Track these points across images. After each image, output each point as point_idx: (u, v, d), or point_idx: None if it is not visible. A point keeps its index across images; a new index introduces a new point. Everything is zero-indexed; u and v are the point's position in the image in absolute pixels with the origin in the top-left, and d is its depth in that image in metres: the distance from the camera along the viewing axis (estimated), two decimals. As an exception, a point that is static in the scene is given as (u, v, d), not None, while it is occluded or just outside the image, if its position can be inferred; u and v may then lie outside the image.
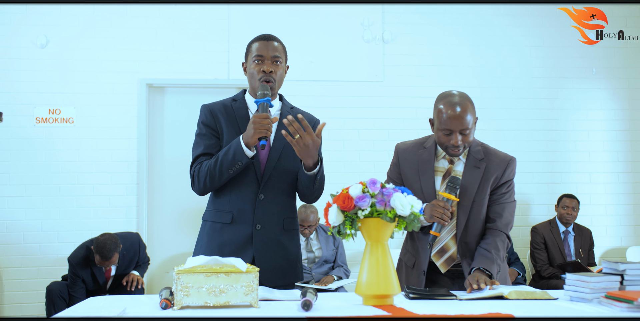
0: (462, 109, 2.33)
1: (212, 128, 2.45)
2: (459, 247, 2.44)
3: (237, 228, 2.39)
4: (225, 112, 2.46)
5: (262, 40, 2.46)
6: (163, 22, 5.44)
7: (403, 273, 2.57)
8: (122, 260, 4.62)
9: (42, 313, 4.96)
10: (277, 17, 5.53)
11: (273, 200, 2.41)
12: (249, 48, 2.48)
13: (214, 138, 2.44)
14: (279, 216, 2.43)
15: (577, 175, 5.75)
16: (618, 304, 1.83)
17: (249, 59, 2.46)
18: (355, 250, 5.21)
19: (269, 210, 2.40)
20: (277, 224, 2.42)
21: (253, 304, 1.87)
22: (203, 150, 2.42)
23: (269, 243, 2.39)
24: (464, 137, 2.36)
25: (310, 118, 2.59)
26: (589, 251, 5.36)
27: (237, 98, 2.53)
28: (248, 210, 2.39)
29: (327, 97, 5.54)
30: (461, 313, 1.78)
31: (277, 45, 2.46)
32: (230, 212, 2.40)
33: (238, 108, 2.48)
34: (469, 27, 5.75)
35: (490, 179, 2.46)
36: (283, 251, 2.42)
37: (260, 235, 2.38)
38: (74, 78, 5.33)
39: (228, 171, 2.32)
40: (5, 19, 5.30)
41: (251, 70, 2.44)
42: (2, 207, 5.16)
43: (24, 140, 5.23)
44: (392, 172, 2.63)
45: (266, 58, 2.42)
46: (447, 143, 2.38)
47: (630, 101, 5.88)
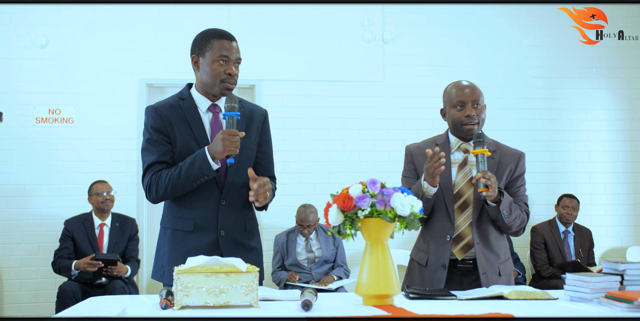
0: (471, 84, 2.56)
1: (163, 133, 2.35)
2: (475, 234, 2.47)
3: (200, 236, 2.35)
4: (175, 114, 2.37)
5: (226, 39, 2.36)
6: (163, 22, 5.45)
7: (416, 272, 2.58)
8: (116, 230, 4.79)
9: (42, 313, 4.97)
10: (277, 17, 5.53)
11: (235, 204, 2.39)
12: (208, 43, 2.35)
13: (166, 144, 2.35)
14: (241, 219, 2.42)
15: (577, 175, 5.75)
16: (618, 304, 1.83)
17: (209, 55, 2.33)
18: (355, 250, 5.21)
19: (232, 215, 2.38)
20: (240, 227, 2.41)
21: (253, 304, 1.87)
22: (157, 158, 2.34)
23: (235, 247, 2.38)
24: (477, 110, 2.50)
25: (260, 112, 2.53)
26: (589, 251, 5.36)
27: (184, 97, 2.42)
28: (211, 217, 2.36)
29: (327, 97, 5.54)
30: (461, 313, 1.78)
31: (237, 46, 2.39)
32: (192, 219, 2.36)
33: (187, 108, 2.39)
34: (469, 27, 5.75)
35: (505, 171, 2.54)
36: (249, 252, 2.41)
37: (225, 240, 2.37)
38: (74, 78, 5.33)
39: (192, 184, 2.28)
40: (5, 19, 5.30)
41: (212, 69, 2.32)
42: (2, 207, 5.16)
43: (24, 140, 5.23)
44: (408, 172, 2.66)
45: (231, 60, 2.34)
46: (462, 117, 2.50)
47: (630, 101, 5.88)
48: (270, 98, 5.45)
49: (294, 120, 5.47)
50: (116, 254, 4.62)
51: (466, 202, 2.50)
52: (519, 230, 2.54)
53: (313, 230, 4.95)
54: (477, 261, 2.47)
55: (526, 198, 2.60)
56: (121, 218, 4.92)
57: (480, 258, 2.46)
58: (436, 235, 2.52)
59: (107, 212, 4.87)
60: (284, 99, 5.51)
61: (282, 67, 5.53)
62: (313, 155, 5.50)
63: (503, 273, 2.51)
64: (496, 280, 2.47)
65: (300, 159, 5.47)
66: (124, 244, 4.84)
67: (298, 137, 5.47)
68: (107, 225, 4.84)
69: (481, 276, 2.45)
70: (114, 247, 4.78)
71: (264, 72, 5.47)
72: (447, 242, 2.49)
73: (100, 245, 4.79)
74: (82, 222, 4.80)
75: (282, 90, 5.50)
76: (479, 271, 2.46)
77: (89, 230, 4.77)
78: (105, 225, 4.84)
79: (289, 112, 5.47)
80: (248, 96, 5.50)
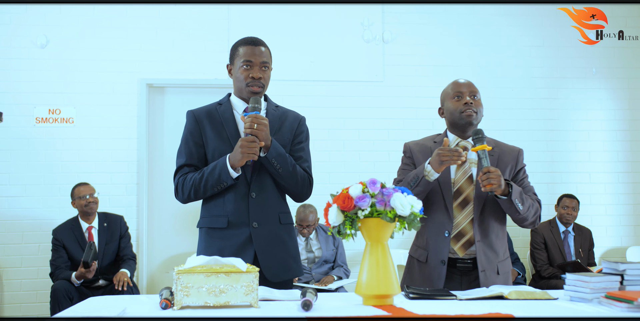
0: (468, 80, 2.63)
1: (197, 136, 2.47)
2: (476, 231, 2.48)
3: (234, 231, 2.40)
4: (211, 119, 2.48)
5: (250, 44, 2.46)
6: (163, 22, 5.45)
7: (415, 269, 2.59)
8: (105, 231, 4.74)
9: (42, 313, 4.97)
10: (277, 17, 5.53)
11: (265, 196, 2.43)
12: (236, 51, 2.48)
13: (198, 148, 2.47)
14: (273, 211, 2.44)
15: (577, 175, 5.75)
16: (618, 304, 1.83)
17: (236, 62, 2.47)
18: (355, 250, 5.21)
19: (263, 206, 2.42)
20: (273, 219, 2.44)
21: (253, 304, 1.87)
22: (186, 160, 2.45)
23: (270, 239, 2.41)
24: (475, 101, 2.55)
25: (295, 116, 2.61)
26: (589, 251, 5.36)
27: (222, 102, 2.54)
28: (243, 210, 2.40)
29: (327, 97, 5.54)
30: (461, 313, 1.78)
31: (264, 51, 2.47)
32: (225, 216, 2.41)
33: (223, 111, 2.49)
34: (469, 27, 5.75)
35: (507, 168, 2.56)
36: (284, 245, 2.44)
37: (259, 233, 2.40)
38: (74, 78, 5.33)
39: (213, 189, 2.37)
40: (5, 19, 5.30)
41: (239, 75, 2.45)
42: (2, 207, 5.16)
43: (24, 140, 5.23)
44: (406, 165, 2.67)
45: (255, 64, 2.43)
46: (460, 106, 2.55)
47: (630, 101, 5.88)
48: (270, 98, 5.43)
49: (294, 120, 5.46)
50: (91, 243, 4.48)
51: (466, 199, 2.51)
52: (535, 220, 2.54)
53: (312, 230, 4.95)
54: (477, 258, 2.47)
55: (533, 189, 2.61)
56: (108, 218, 4.86)
57: (480, 255, 2.47)
58: (435, 231, 2.53)
59: (93, 214, 4.82)
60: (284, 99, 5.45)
61: (282, 67, 5.51)
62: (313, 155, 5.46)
63: (501, 272, 2.52)
64: (494, 279, 2.48)
65: (300, 159, 5.46)
66: (115, 243, 4.80)
67: (298, 137, 5.47)
68: (95, 227, 4.80)
69: (480, 274, 2.46)
70: (106, 248, 4.73)
71: (264, 72, 5.46)
72: (446, 238, 2.50)
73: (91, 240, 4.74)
74: (69, 228, 4.75)
75: (282, 90, 5.49)
76: (479, 269, 2.46)
77: (78, 236, 4.73)
78: (93, 227, 4.80)
79: (289, 112, 5.46)
80: (248, 96, 5.50)
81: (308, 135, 2.63)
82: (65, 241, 4.69)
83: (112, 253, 4.76)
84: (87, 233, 4.78)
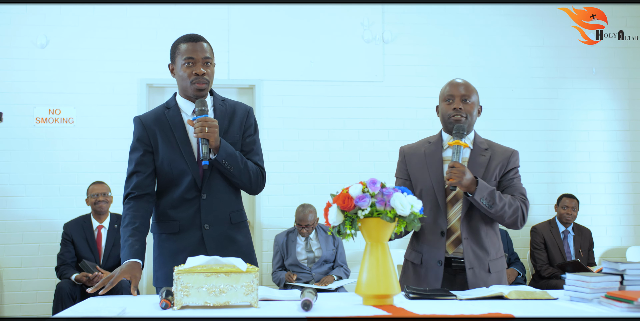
0: (465, 81, 2.61)
1: (146, 143, 2.43)
2: (463, 229, 2.49)
3: (186, 235, 2.40)
4: (160, 125, 2.43)
5: (190, 41, 2.41)
6: (163, 22, 5.44)
7: (410, 271, 2.60)
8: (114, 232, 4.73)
9: (42, 313, 4.96)
10: (277, 17, 5.53)
11: (216, 196, 2.42)
12: (177, 49, 2.42)
13: (147, 154, 2.43)
14: (224, 211, 2.44)
15: (577, 175, 5.75)
16: (618, 304, 1.83)
17: (178, 60, 2.41)
18: (355, 250, 5.21)
19: (214, 207, 2.41)
20: (224, 220, 2.43)
21: (253, 304, 1.87)
22: (134, 168, 2.43)
23: (220, 240, 2.41)
24: (465, 105, 2.53)
25: (243, 108, 2.56)
26: (588, 251, 5.36)
27: (169, 106, 2.48)
28: (194, 214, 2.40)
29: (327, 97, 5.54)
30: (461, 313, 1.78)
31: (206, 46, 2.42)
32: (177, 221, 2.41)
33: (172, 116, 2.45)
34: (469, 27, 5.75)
35: (497, 168, 2.56)
36: (235, 245, 2.44)
37: (211, 234, 2.40)
38: (74, 78, 5.33)
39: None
40: (5, 19, 5.30)
41: (182, 73, 2.39)
42: (2, 207, 5.16)
43: (24, 140, 5.23)
44: (399, 172, 2.71)
45: (197, 60, 2.38)
46: (450, 110, 2.54)
47: (630, 101, 5.88)
48: (270, 98, 5.45)
49: (294, 120, 5.47)
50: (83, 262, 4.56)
51: (456, 196, 2.53)
52: (515, 221, 2.49)
53: (312, 230, 4.95)
54: (464, 256, 2.47)
55: (523, 190, 2.58)
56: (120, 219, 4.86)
57: (467, 253, 2.47)
58: (430, 231, 2.53)
59: (105, 214, 4.83)
60: (284, 99, 5.51)
61: (282, 67, 5.53)
62: (313, 155, 5.50)
63: (493, 270, 2.50)
64: (485, 277, 2.46)
65: (300, 159, 5.47)
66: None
67: (298, 137, 5.47)
68: (105, 227, 4.82)
69: (467, 271, 2.45)
70: (112, 250, 4.73)
71: (264, 72, 5.47)
72: (442, 238, 2.50)
73: (99, 248, 4.75)
74: (80, 225, 4.77)
75: (282, 90, 5.50)
76: (466, 267, 2.46)
77: (88, 234, 4.74)
78: (103, 227, 4.81)
79: (289, 112, 5.47)
80: (248, 96, 5.50)
81: (257, 126, 2.58)
82: (75, 237, 4.72)
83: (117, 255, 4.75)
84: (97, 232, 4.80)
